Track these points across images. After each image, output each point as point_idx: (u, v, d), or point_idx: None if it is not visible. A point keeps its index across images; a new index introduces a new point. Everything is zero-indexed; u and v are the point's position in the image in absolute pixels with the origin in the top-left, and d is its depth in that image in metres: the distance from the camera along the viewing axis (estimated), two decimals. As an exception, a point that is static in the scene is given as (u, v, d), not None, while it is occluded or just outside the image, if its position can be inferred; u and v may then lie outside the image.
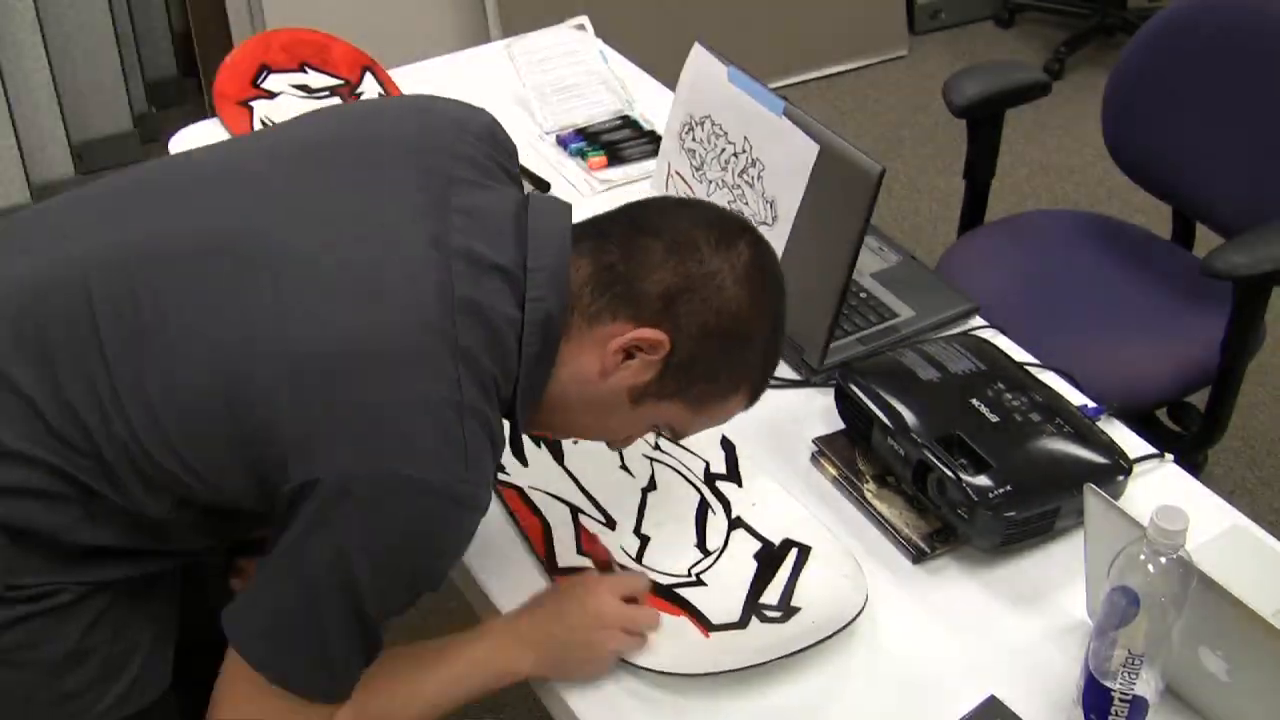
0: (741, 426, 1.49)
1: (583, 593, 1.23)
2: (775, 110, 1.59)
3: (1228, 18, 2.00)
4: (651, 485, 1.43)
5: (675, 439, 1.26)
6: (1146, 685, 1.12)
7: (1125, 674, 1.11)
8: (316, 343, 1.04)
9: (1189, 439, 1.98)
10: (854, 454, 1.46)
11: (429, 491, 1.03)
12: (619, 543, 1.36)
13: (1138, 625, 1.08)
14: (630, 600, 1.25)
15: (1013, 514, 1.30)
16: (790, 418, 1.53)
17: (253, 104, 2.01)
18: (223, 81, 2.03)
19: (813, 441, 1.48)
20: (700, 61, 1.75)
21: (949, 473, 1.32)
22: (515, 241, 1.12)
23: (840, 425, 1.49)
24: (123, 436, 1.06)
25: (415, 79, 2.14)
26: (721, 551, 1.35)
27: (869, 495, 1.41)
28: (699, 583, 1.32)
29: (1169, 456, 1.47)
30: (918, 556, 1.35)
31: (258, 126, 1.98)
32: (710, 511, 1.39)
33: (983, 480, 1.31)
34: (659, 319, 1.10)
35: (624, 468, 1.45)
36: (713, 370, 1.14)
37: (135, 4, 3.34)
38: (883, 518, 1.39)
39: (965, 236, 2.22)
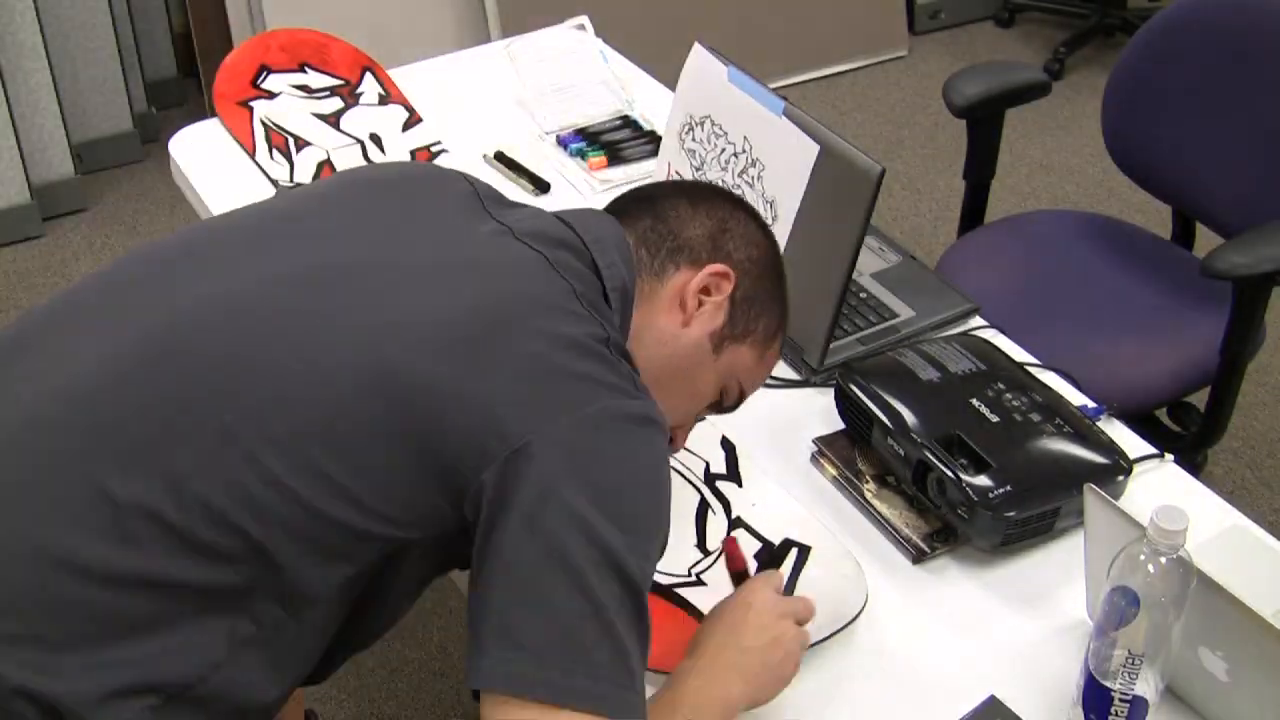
0: (741, 426, 1.49)
1: (764, 619, 1.14)
2: (775, 110, 1.59)
3: (1227, 17, 2.00)
4: None
5: (732, 409, 1.23)
6: (1146, 685, 1.12)
7: (1125, 674, 1.11)
8: (450, 312, 0.99)
9: (1189, 439, 1.98)
10: (854, 454, 1.46)
11: (631, 417, 0.98)
12: None
13: (1138, 625, 1.08)
14: (802, 623, 1.19)
15: (1013, 514, 1.30)
16: (790, 418, 1.53)
17: (252, 104, 2.01)
18: (222, 82, 2.03)
19: (813, 441, 1.48)
20: (700, 61, 1.75)
21: (949, 472, 1.32)
22: (565, 227, 1.12)
23: (840, 425, 1.49)
24: (275, 506, 0.94)
25: (415, 79, 2.14)
26: (721, 551, 1.35)
27: (869, 495, 1.41)
28: (699, 582, 1.32)
29: (1169, 456, 1.47)
30: (917, 556, 1.35)
31: (258, 127, 1.98)
32: (710, 511, 1.39)
33: (983, 480, 1.31)
34: (715, 258, 1.14)
35: None
36: (768, 303, 1.19)
37: (135, 4, 3.34)
38: (883, 518, 1.39)
39: (965, 236, 2.22)
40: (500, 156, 1.98)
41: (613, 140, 2.01)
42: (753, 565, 1.34)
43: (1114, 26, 3.97)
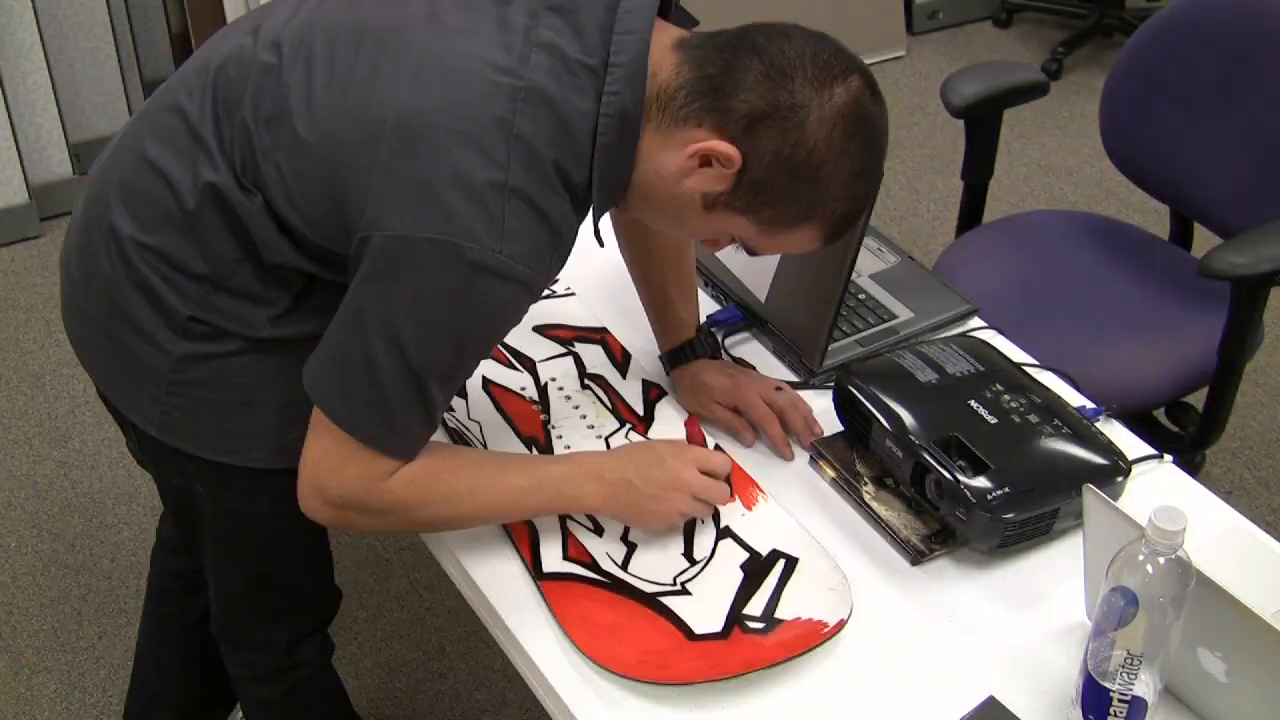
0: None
1: (668, 453, 1.34)
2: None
3: (1225, 17, 2.00)
4: None
5: (751, 253, 1.29)
6: (1145, 686, 1.12)
7: (1124, 674, 1.11)
8: (392, 111, 1.16)
9: (1187, 439, 1.98)
10: (852, 456, 1.46)
11: (460, 258, 1.13)
12: (605, 549, 1.35)
13: (1136, 626, 1.08)
14: (707, 473, 1.34)
15: (1011, 515, 1.30)
16: (789, 418, 1.53)
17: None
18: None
19: (812, 444, 1.48)
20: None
21: (947, 474, 1.32)
22: (601, 41, 1.18)
23: (838, 427, 1.49)
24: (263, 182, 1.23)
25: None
26: (708, 561, 1.35)
27: (867, 497, 1.41)
28: (684, 591, 1.31)
29: (1168, 458, 1.47)
30: (916, 558, 1.35)
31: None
32: (699, 520, 1.39)
33: (981, 482, 1.31)
34: (739, 137, 1.16)
35: None
36: (782, 198, 1.19)
37: (133, 5, 3.34)
38: (881, 519, 1.39)
39: (963, 237, 2.22)
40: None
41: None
42: (710, 444, 1.36)
43: (1112, 27, 3.97)
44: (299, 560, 1.56)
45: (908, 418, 1.39)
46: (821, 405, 1.53)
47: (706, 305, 1.70)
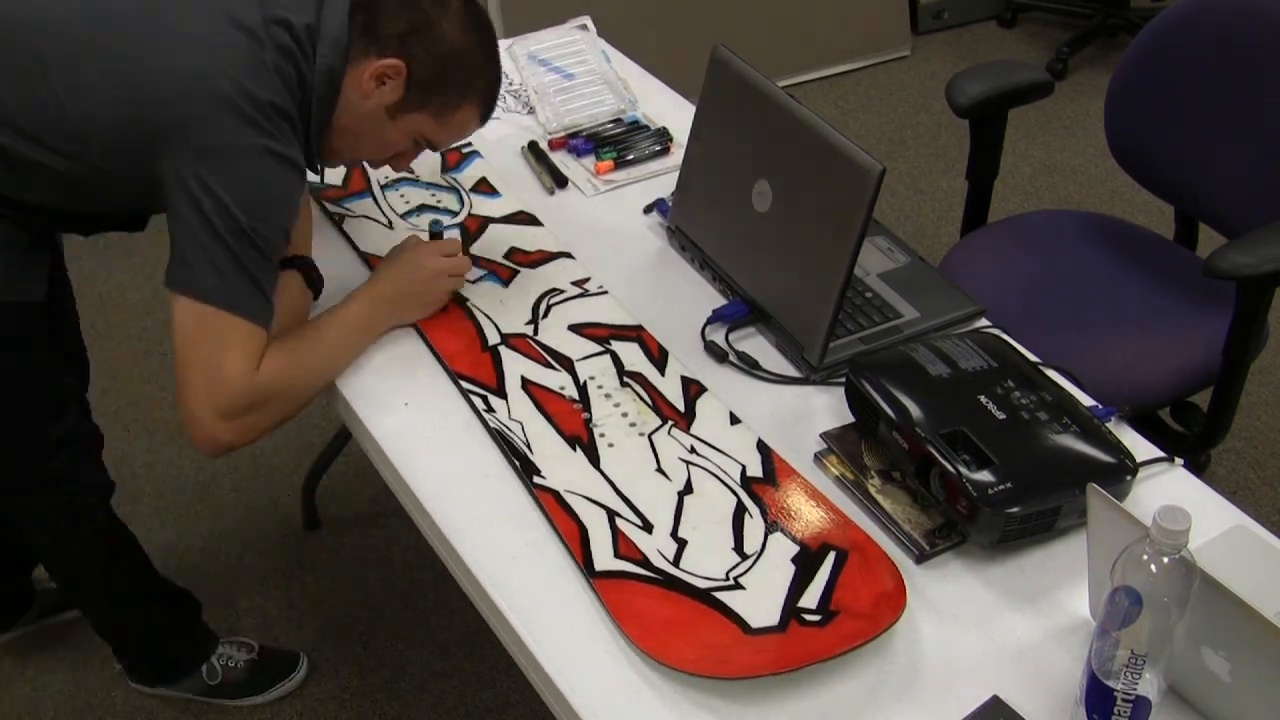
0: (745, 423, 1.49)
1: (416, 256, 1.66)
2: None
3: (1230, 18, 2.00)
4: (688, 489, 1.42)
5: (434, 149, 1.63)
6: (1149, 685, 1.12)
7: (1128, 674, 1.11)
8: (165, 70, 1.43)
9: (1192, 439, 1.98)
10: (859, 449, 1.46)
11: (267, 154, 1.45)
12: (656, 546, 1.35)
13: (1140, 625, 1.08)
14: (448, 255, 1.67)
15: (1013, 510, 1.30)
16: (791, 415, 1.53)
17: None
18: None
19: (820, 437, 1.48)
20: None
21: (950, 467, 1.32)
22: (315, 10, 1.52)
23: (840, 423, 1.49)
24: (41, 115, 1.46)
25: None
26: (759, 555, 1.35)
27: (873, 490, 1.41)
28: (737, 586, 1.31)
29: (1178, 461, 1.47)
30: (920, 556, 1.35)
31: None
32: (747, 515, 1.39)
33: (984, 476, 1.31)
34: (399, 52, 1.52)
35: (660, 471, 1.45)
36: (444, 87, 1.56)
37: None
38: (886, 514, 1.39)
39: (968, 236, 2.22)
40: (533, 147, 2.01)
41: (620, 142, 2.01)
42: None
43: (1117, 26, 3.97)
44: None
45: (915, 410, 1.39)
46: (823, 401, 1.53)
47: (712, 299, 1.70)
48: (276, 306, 1.51)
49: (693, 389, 1.56)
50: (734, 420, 1.51)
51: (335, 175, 1.94)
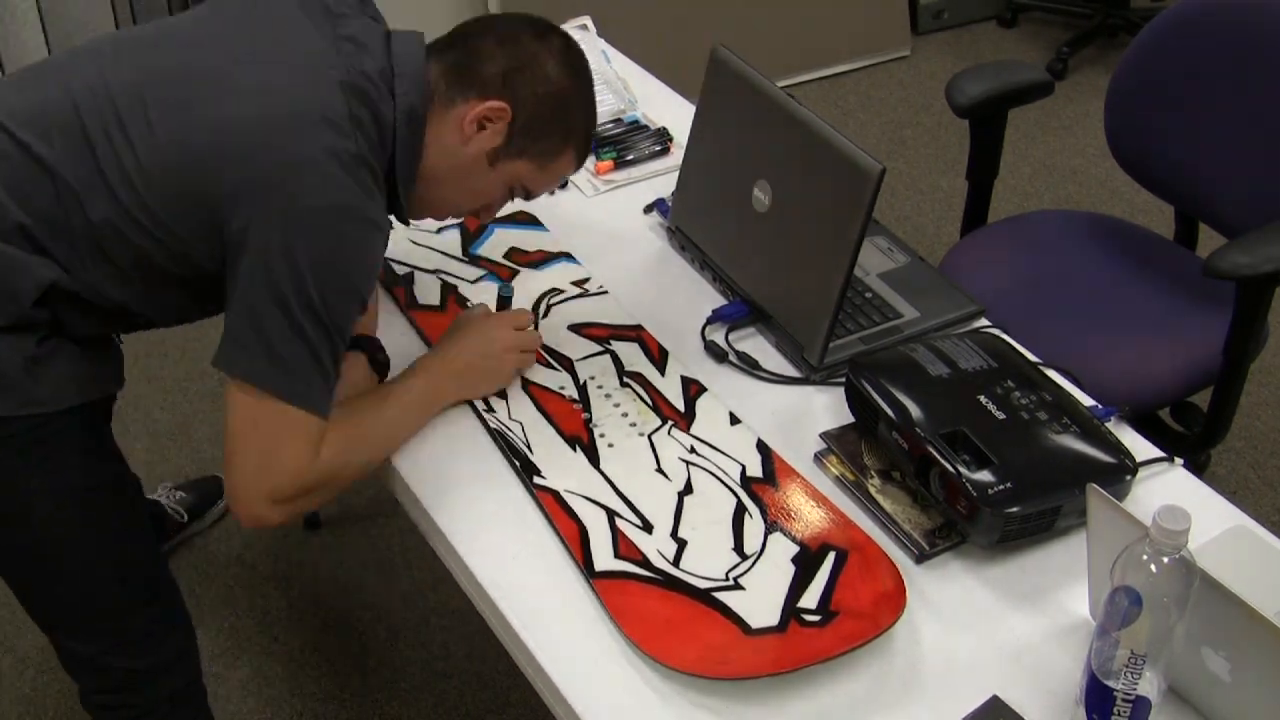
0: (744, 423, 1.49)
1: (485, 327, 1.55)
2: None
3: (1230, 17, 2.00)
4: (688, 489, 1.42)
5: (527, 197, 1.52)
6: (1149, 685, 1.12)
7: (1128, 674, 1.11)
8: (240, 120, 1.33)
9: (1192, 439, 1.98)
10: (859, 449, 1.46)
11: (349, 216, 1.32)
12: (656, 546, 1.35)
13: (1140, 625, 1.08)
14: (519, 329, 1.56)
15: (1012, 510, 1.30)
16: (791, 415, 1.53)
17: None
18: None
19: (819, 437, 1.48)
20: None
21: (950, 467, 1.32)
22: (386, 58, 1.42)
23: (840, 423, 1.49)
24: (103, 211, 1.36)
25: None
26: (759, 555, 1.35)
27: (873, 490, 1.41)
28: (737, 586, 1.31)
29: (1178, 461, 1.47)
30: (920, 556, 1.35)
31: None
32: (747, 515, 1.39)
33: (983, 476, 1.31)
34: (500, 93, 1.42)
35: (660, 471, 1.45)
36: (549, 130, 1.46)
37: (137, 6, 3.34)
38: (886, 514, 1.39)
39: (968, 237, 2.22)
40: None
41: (620, 142, 2.01)
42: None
43: (1117, 26, 3.97)
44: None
45: (915, 409, 1.39)
46: (822, 401, 1.53)
47: (712, 299, 1.70)
48: (338, 392, 1.39)
49: (693, 389, 1.56)
50: (734, 420, 1.51)
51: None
